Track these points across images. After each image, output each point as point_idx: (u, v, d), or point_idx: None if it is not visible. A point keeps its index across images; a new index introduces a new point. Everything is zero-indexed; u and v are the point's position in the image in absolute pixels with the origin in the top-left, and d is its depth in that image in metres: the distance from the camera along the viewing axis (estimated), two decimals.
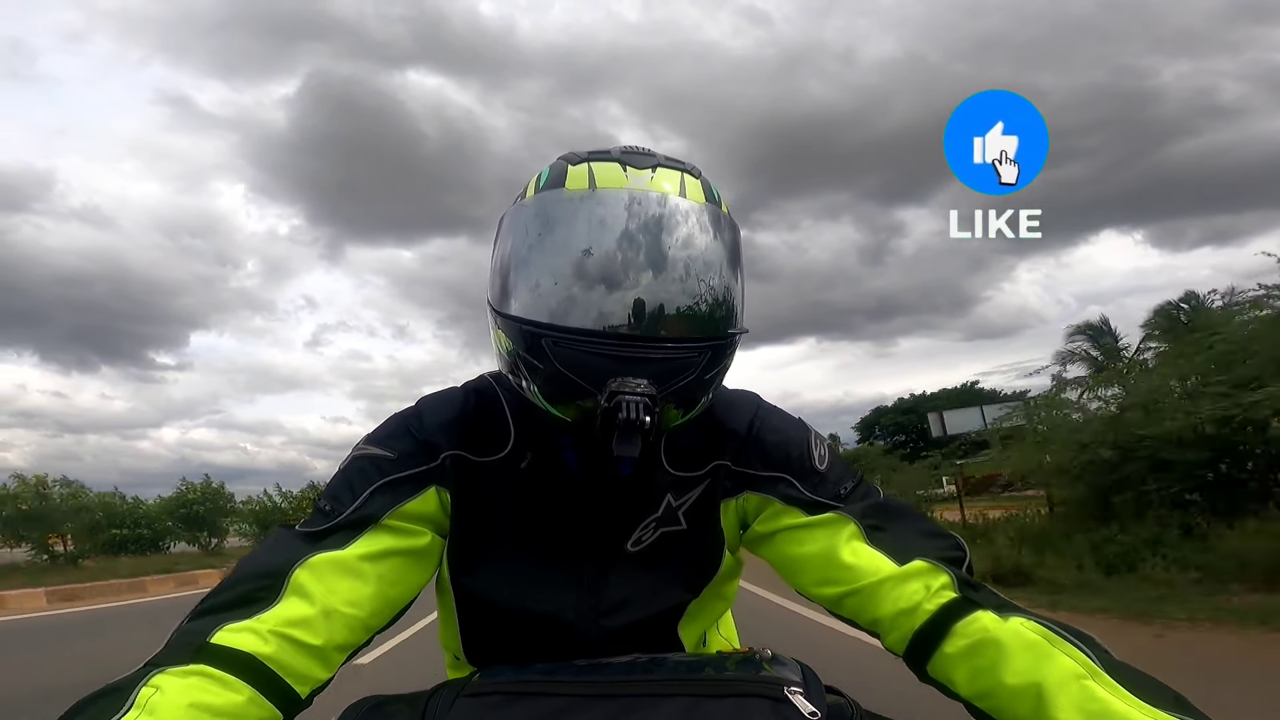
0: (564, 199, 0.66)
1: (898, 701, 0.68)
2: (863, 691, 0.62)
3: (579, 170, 0.67)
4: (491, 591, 0.76)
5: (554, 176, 0.69)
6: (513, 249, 0.67)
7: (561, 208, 0.66)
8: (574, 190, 0.66)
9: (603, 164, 0.67)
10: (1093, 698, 0.52)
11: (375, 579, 0.67)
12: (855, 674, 0.70)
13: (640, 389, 0.61)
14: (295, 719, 0.60)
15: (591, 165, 0.67)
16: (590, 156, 0.69)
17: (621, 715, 0.55)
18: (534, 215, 0.67)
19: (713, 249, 0.66)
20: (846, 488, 0.74)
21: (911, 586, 0.65)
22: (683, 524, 0.77)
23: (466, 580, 0.76)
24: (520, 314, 0.65)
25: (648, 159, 0.68)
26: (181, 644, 0.57)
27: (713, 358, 0.66)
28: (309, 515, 0.71)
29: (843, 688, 0.62)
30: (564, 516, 0.75)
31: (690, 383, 0.65)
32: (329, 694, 0.64)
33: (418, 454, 0.73)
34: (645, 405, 0.61)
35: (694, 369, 0.65)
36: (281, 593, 0.62)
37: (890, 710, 0.62)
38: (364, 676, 3.86)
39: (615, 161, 0.67)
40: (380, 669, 4.46)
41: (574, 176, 0.67)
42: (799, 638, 4.75)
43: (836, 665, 0.92)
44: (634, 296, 0.63)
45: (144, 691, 0.51)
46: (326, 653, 0.62)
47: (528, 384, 0.67)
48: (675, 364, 0.64)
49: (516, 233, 0.68)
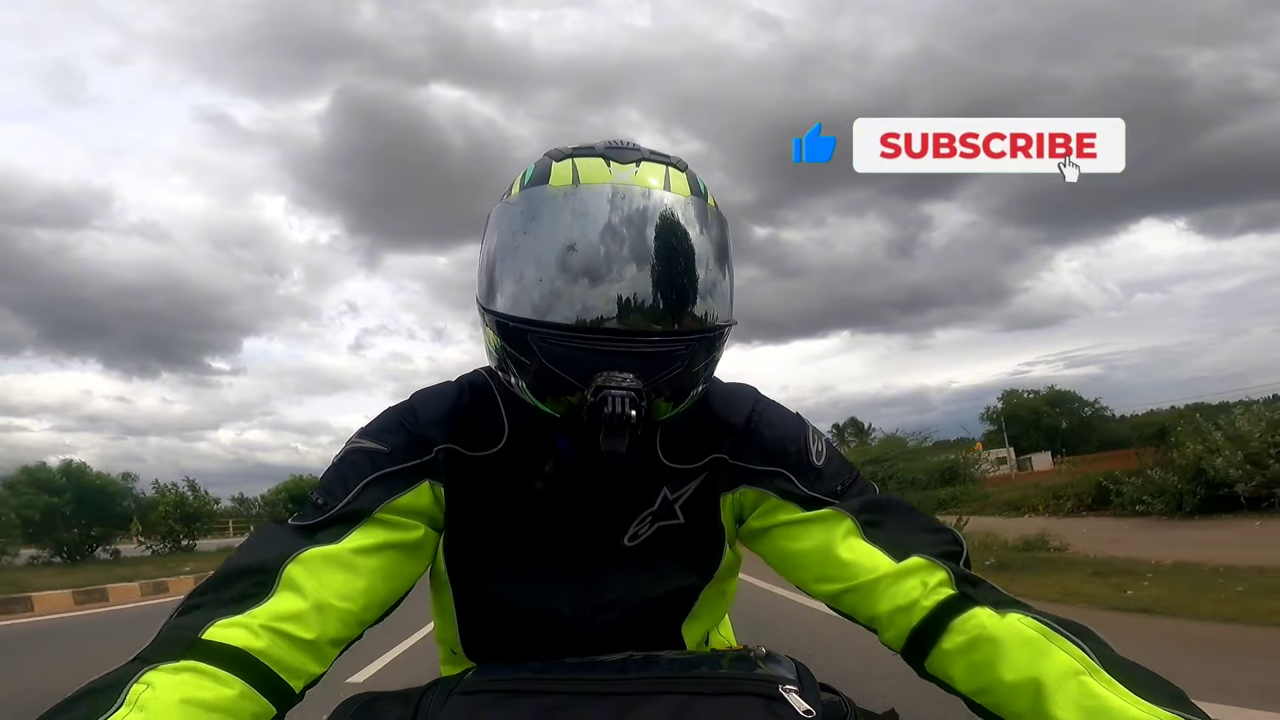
0: (548, 195, 0.66)
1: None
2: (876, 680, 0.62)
3: (563, 166, 0.67)
4: (487, 587, 0.76)
5: (538, 173, 0.68)
6: (499, 246, 0.67)
7: (546, 204, 0.65)
8: (558, 186, 0.66)
9: (586, 159, 0.67)
10: (1090, 694, 0.51)
11: (368, 573, 0.66)
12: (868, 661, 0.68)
13: (626, 383, 0.61)
14: (288, 713, 0.60)
15: (575, 161, 0.67)
16: (575, 152, 0.68)
17: (615, 714, 0.54)
18: (519, 212, 0.67)
19: (698, 242, 0.66)
20: (843, 484, 0.74)
21: (909, 583, 0.65)
22: (680, 518, 0.76)
23: (461, 575, 0.76)
24: (506, 310, 0.65)
25: (632, 153, 0.68)
26: (172, 639, 0.57)
27: (701, 350, 0.66)
28: (302, 509, 0.71)
29: (838, 685, 0.61)
30: (559, 512, 0.75)
31: (678, 375, 0.65)
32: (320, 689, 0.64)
33: (411, 448, 0.72)
34: (631, 399, 0.61)
35: (681, 361, 0.65)
36: (274, 587, 0.61)
37: (896, 702, 0.62)
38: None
39: (599, 157, 0.67)
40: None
41: (558, 173, 0.67)
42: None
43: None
44: (618, 290, 0.62)
45: (135, 688, 0.50)
46: (319, 647, 0.62)
47: (516, 380, 0.67)
48: (662, 357, 0.64)
49: (502, 229, 0.68)
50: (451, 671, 0.73)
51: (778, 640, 0.70)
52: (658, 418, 0.68)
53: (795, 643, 4.07)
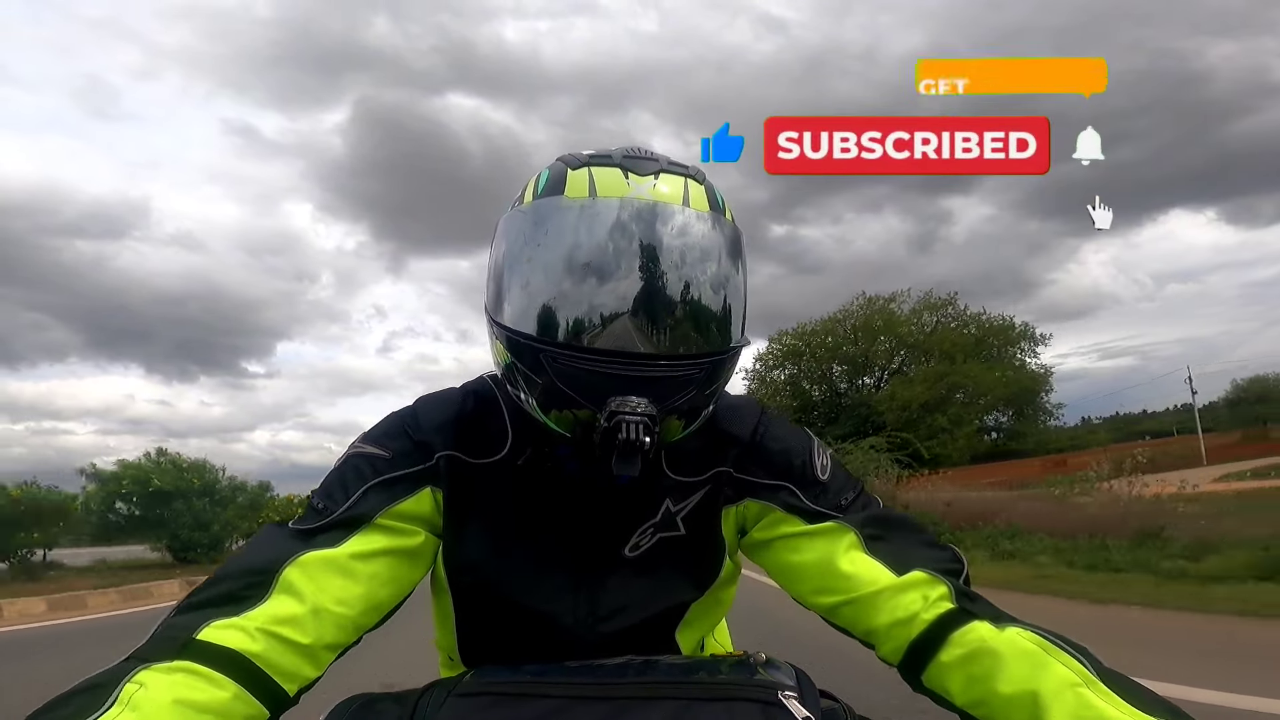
0: (563, 206, 0.64)
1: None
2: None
3: (579, 176, 0.65)
4: (487, 594, 0.75)
5: (553, 181, 0.67)
6: (511, 257, 0.66)
7: (561, 216, 0.64)
8: (573, 198, 0.64)
9: (604, 169, 0.65)
10: (1087, 705, 0.52)
11: (367, 578, 0.66)
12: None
13: (640, 409, 0.60)
14: (282, 717, 0.59)
15: (592, 170, 0.65)
16: (591, 160, 0.67)
17: (613, 718, 0.54)
18: (533, 223, 0.65)
19: (718, 262, 0.65)
20: (848, 498, 0.74)
21: (909, 596, 0.65)
22: (681, 530, 0.76)
23: (461, 582, 0.75)
24: (517, 324, 0.64)
25: (650, 164, 0.66)
26: (167, 639, 0.56)
27: (714, 371, 0.65)
28: (302, 513, 0.70)
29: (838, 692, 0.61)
30: (561, 521, 0.74)
31: (692, 398, 0.65)
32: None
33: (413, 454, 0.72)
34: (645, 426, 0.60)
35: (695, 385, 0.64)
36: (270, 590, 0.61)
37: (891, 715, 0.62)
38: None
39: (617, 167, 0.65)
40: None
41: (574, 183, 0.65)
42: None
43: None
44: (636, 313, 0.62)
45: (128, 688, 0.50)
46: (315, 651, 0.61)
47: (525, 395, 0.66)
48: (677, 381, 0.63)
49: (514, 240, 0.66)
50: (450, 674, 0.72)
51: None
52: (668, 439, 0.67)
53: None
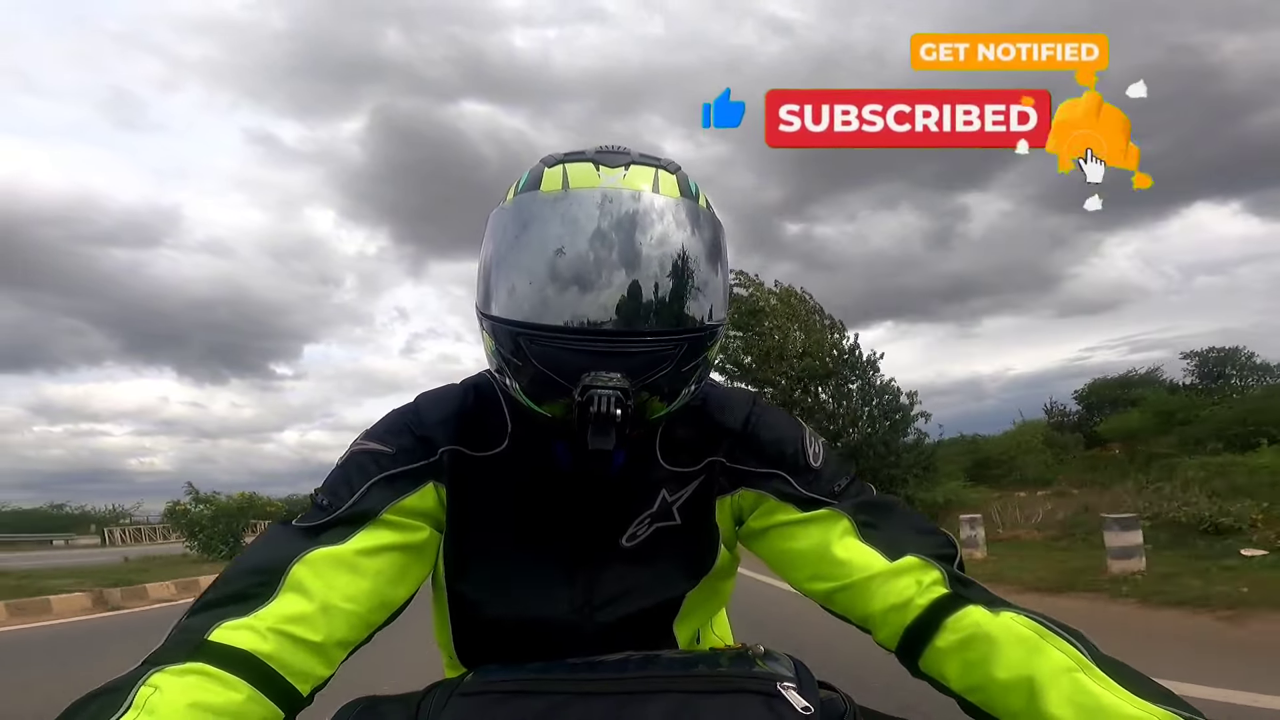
0: (538, 200, 0.67)
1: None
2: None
3: (554, 172, 0.69)
4: (487, 587, 0.76)
5: (531, 179, 0.70)
6: (493, 252, 0.68)
7: (536, 209, 0.67)
8: (548, 192, 0.67)
9: (577, 164, 0.68)
10: (1084, 690, 0.52)
11: (373, 574, 0.67)
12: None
13: (613, 383, 0.62)
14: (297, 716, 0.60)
15: (566, 166, 0.68)
16: (566, 158, 0.70)
17: (614, 712, 0.55)
18: (512, 218, 0.68)
19: (686, 243, 0.67)
20: (840, 485, 0.75)
21: (903, 582, 0.65)
22: (677, 519, 0.77)
23: (460, 574, 0.76)
24: (500, 314, 0.66)
25: (621, 157, 0.69)
26: (180, 642, 0.57)
27: (690, 350, 0.67)
28: (306, 510, 0.71)
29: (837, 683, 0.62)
30: (559, 512, 0.75)
31: (667, 375, 0.66)
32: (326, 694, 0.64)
33: (416, 449, 0.73)
34: (617, 399, 0.61)
35: (670, 361, 0.66)
36: (279, 589, 0.61)
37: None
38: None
39: (589, 161, 0.68)
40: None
41: (549, 178, 0.68)
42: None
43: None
44: (606, 292, 0.63)
45: (143, 691, 0.51)
46: (327, 649, 0.62)
47: (512, 383, 0.68)
48: (650, 357, 0.65)
49: (496, 236, 0.69)
50: (454, 674, 0.73)
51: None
52: (650, 417, 0.68)
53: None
